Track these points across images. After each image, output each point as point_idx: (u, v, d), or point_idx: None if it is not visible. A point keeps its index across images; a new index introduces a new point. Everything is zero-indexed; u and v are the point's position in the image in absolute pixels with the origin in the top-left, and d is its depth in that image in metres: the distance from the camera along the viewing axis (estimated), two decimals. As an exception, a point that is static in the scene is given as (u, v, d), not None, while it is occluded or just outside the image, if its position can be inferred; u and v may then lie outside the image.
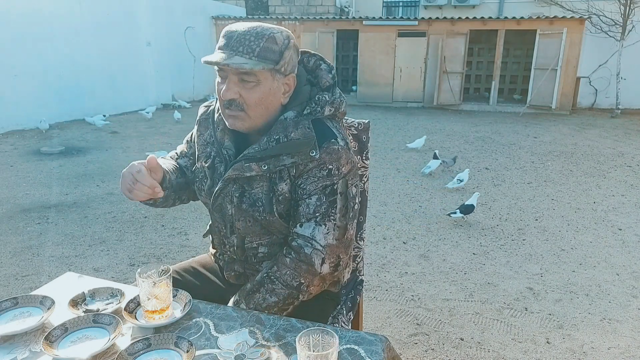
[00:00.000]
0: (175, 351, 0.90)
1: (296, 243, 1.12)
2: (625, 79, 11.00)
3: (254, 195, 1.15)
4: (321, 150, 1.10)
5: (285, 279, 1.12)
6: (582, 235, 3.62)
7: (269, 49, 1.06)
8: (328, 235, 1.11)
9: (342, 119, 1.24)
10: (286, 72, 1.11)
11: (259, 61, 1.05)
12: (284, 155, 1.10)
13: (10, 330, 0.96)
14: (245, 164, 1.12)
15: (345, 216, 1.13)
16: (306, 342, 0.81)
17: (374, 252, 3.25)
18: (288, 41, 1.10)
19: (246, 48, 1.05)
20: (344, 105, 1.20)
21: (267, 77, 1.09)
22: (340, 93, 1.20)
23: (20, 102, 7.54)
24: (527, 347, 2.18)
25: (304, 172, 1.11)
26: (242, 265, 1.26)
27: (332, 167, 1.11)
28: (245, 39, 1.06)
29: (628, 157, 6.42)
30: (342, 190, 1.13)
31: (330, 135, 1.12)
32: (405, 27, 11.37)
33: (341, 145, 1.12)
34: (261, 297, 1.13)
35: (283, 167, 1.11)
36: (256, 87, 1.08)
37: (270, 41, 1.07)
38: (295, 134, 1.10)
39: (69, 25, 8.36)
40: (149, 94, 10.48)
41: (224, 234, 1.25)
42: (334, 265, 1.13)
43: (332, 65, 1.24)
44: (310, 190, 1.11)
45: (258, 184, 1.14)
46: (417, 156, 6.28)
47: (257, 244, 1.22)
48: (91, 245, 3.28)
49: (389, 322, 2.39)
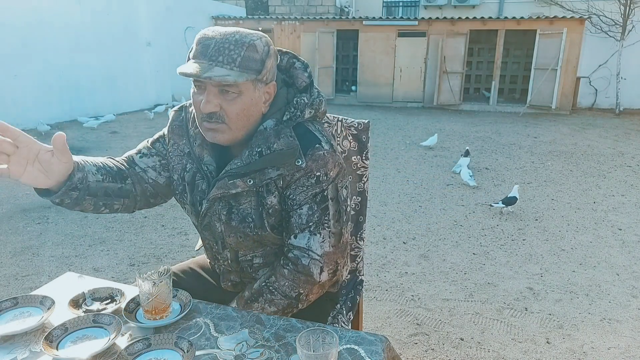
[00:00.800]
0: (175, 351, 0.90)
1: (292, 254, 1.09)
2: (625, 79, 11.00)
3: (243, 211, 1.10)
4: (307, 158, 1.05)
5: (284, 290, 1.10)
6: (582, 235, 3.62)
7: (251, 58, 1.00)
8: (324, 243, 1.08)
9: (323, 118, 1.18)
10: (267, 80, 1.06)
11: (241, 72, 0.99)
12: (269, 168, 1.05)
13: (10, 330, 0.95)
14: (230, 180, 1.07)
15: (339, 221, 1.10)
16: (306, 342, 0.81)
17: (374, 252, 3.25)
18: (268, 48, 1.03)
19: (226, 58, 0.98)
20: (323, 105, 1.14)
21: (249, 88, 1.02)
22: (318, 92, 1.14)
23: (20, 102, 7.54)
24: (527, 347, 2.18)
25: (292, 182, 1.07)
26: (239, 274, 1.24)
27: (320, 174, 1.06)
28: (225, 47, 0.98)
29: (628, 157, 6.43)
30: (333, 195, 1.09)
31: (314, 140, 1.07)
32: (405, 27, 11.38)
33: (326, 150, 1.07)
34: (260, 307, 1.11)
35: (270, 180, 1.07)
36: (237, 99, 1.02)
37: (251, 49, 1.00)
38: (278, 144, 1.05)
39: (68, 25, 8.36)
40: (148, 94, 10.48)
41: (217, 250, 1.21)
42: (332, 272, 1.12)
43: (307, 63, 1.17)
44: (300, 201, 1.07)
45: (245, 199, 1.09)
46: (417, 156, 6.28)
47: (252, 256, 1.18)
48: (91, 245, 3.28)
49: (389, 322, 2.39)
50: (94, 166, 1.10)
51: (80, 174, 1.03)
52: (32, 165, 0.93)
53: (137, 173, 1.19)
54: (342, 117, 1.49)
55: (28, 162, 0.93)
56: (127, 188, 1.16)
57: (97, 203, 1.11)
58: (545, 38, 10.55)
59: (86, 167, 1.07)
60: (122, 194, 1.15)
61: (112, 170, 1.14)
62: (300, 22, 11.89)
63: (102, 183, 1.10)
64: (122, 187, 1.14)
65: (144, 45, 10.28)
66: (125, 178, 1.16)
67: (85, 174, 1.05)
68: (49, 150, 0.95)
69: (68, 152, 0.96)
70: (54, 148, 0.94)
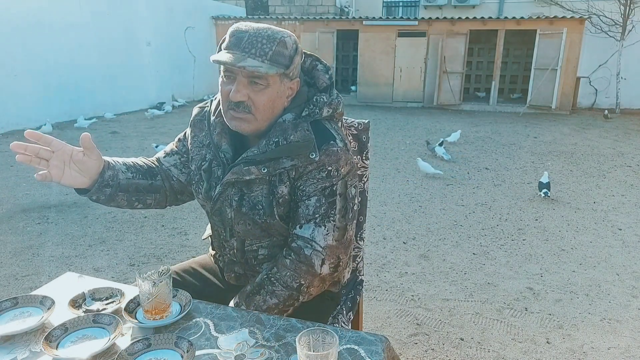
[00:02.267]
0: (175, 351, 0.90)
1: (296, 244, 1.12)
2: (625, 79, 11.00)
3: (254, 198, 1.14)
4: (320, 152, 1.09)
5: (285, 280, 1.11)
6: (582, 235, 3.62)
7: (281, 54, 1.06)
8: (328, 236, 1.11)
9: (340, 119, 1.24)
10: (293, 76, 1.12)
11: (272, 65, 1.05)
12: (284, 158, 1.10)
13: (10, 330, 0.95)
14: (245, 167, 1.11)
15: (344, 217, 1.13)
16: (306, 342, 0.81)
17: (374, 252, 3.25)
18: (296, 46, 1.10)
19: (259, 51, 1.04)
20: (341, 106, 1.20)
21: (276, 81, 1.08)
22: (337, 94, 1.20)
23: (20, 102, 7.54)
24: (527, 347, 2.18)
25: (304, 174, 1.11)
26: (243, 267, 1.25)
27: (332, 169, 1.11)
28: (258, 41, 1.05)
29: (628, 157, 6.43)
30: (342, 191, 1.13)
31: (329, 137, 1.12)
32: (405, 27, 11.37)
33: (340, 147, 1.12)
34: (261, 299, 1.12)
35: (283, 170, 1.11)
36: (265, 90, 1.07)
37: (282, 45, 1.06)
38: (294, 136, 1.09)
39: (69, 25, 8.35)
40: (148, 94, 10.48)
41: (224, 237, 1.24)
42: (334, 266, 1.13)
43: (329, 66, 1.23)
44: (309, 192, 1.11)
45: (257, 187, 1.13)
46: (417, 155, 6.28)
47: (257, 247, 1.21)
48: (91, 245, 3.28)
49: (389, 322, 2.39)
50: (123, 165, 1.22)
51: (110, 172, 1.16)
52: (69, 166, 1.07)
53: (165, 169, 1.30)
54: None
55: (65, 164, 1.06)
56: (157, 184, 1.27)
57: (129, 199, 1.22)
58: (545, 38, 10.55)
59: (116, 166, 1.19)
60: (153, 189, 1.26)
61: (141, 168, 1.25)
62: (300, 22, 11.89)
63: (132, 180, 1.21)
64: (152, 183, 1.26)
65: (144, 45, 10.28)
66: (155, 175, 1.27)
67: (115, 172, 1.17)
68: (80, 151, 1.08)
69: (96, 150, 1.10)
70: (83, 147, 1.08)
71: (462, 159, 6.16)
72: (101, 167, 1.13)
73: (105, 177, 1.14)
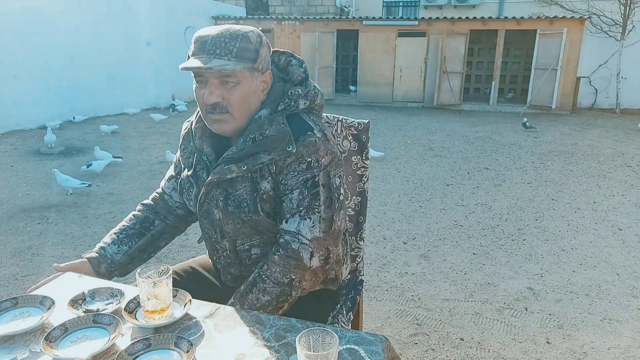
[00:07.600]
0: (175, 351, 0.90)
1: (283, 239, 1.12)
2: (626, 79, 11.00)
3: (239, 196, 1.14)
4: (298, 144, 1.10)
5: (275, 276, 1.11)
6: (582, 235, 3.62)
7: (246, 49, 1.08)
8: (314, 228, 1.11)
9: (321, 111, 1.23)
10: (263, 69, 1.13)
11: (238, 61, 1.07)
12: (261, 153, 1.11)
13: (10, 330, 0.95)
14: (225, 166, 1.13)
15: (330, 208, 1.13)
16: (306, 342, 0.81)
17: (374, 252, 3.25)
18: (260, 39, 1.12)
19: (223, 50, 1.06)
20: (319, 98, 1.19)
21: (247, 77, 1.10)
22: (314, 86, 1.20)
23: (20, 102, 7.54)
24: (527, 347, 2.18)
25: (284, 168, 1.11)
26: (238, 268, 1.25)
27: (311, 160, 1.11)
28: (221, 41, 1.07)
29: (628, 157, 6.42)
30: (324, 182, 1.12)
31: (306, 128, 1.12)
32: (405, 27, 11.37)
33: (318, 137, 1.12)
34: (254, 297, 1.12)
35: (262, 165, 1.11)
36: (237, 87, 1.09)
37: (245, 41, 1.08)
38: (270, 130, 1.11)
39: (69, 25, 8.35)
40: (148, 94, 10.47)
41: (215, 239, 1.25)
42: (323, 259, 1.13)
43: (302, 59, 1.24)
44: (291, 185, 1.11)
45: (241, 185, 1.14)
46: (417, 156, 6.28)
47: (249, 246, 1.21)
48: (91, 245, 3.26)
49: (389, 322, 2.39)
50: (113, 244, 1.31)
51: (105, 264, 1.28)
52: None
53: (165, 202, 1.37)
54: (342, 117, 1.49)
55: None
56: (158, 230, 1.35)
57: (141, 257, 1.34)
58: (545, 38, 10.55)
59: (107, 252, 1.30)
60: (157, 236, 1.35)
61: (135, 231, 1.33)
62: (300, 22, 11.88)
63: (131, 249, 1.31)
64: (152, 234, 1.34)
65: (144, 45, 10.28)
66: (152, 222, 1.35)
67: (110, 261, 1.29)
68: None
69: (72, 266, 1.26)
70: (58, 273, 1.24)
71: (463, 159, 6.16)
72: (92, 268, 1.26)
73: (102, 270, 1.27)
